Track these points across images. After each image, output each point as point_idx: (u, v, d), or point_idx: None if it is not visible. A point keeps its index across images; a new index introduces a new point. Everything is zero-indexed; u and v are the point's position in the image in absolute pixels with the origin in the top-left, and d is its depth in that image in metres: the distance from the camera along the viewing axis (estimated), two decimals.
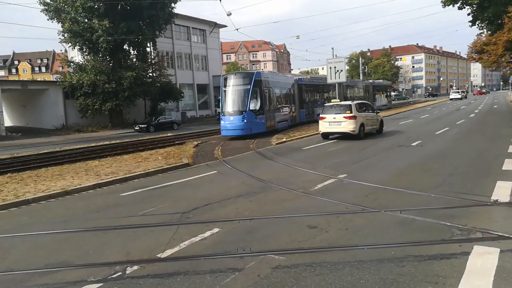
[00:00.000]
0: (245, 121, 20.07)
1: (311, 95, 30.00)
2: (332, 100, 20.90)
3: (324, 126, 17.77)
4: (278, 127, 22.97)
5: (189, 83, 50.17)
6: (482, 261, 4.44)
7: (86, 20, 33.29)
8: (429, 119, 27.62)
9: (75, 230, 6.69)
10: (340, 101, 20.33)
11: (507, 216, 6.17)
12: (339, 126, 17.22)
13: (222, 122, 20.82)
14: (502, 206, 6.56)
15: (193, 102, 50.71)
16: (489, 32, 25.57)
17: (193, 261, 4.96)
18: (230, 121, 20.31)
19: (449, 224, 5.71)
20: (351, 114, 16.90)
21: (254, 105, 20.55)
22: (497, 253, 4.60)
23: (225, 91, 20.97)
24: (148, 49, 39.15)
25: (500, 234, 5.21)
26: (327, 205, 7.22)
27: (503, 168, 9.42)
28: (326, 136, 18.11)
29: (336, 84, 32.20)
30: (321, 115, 18.08)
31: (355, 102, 18.43)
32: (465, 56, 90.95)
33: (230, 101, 20.67)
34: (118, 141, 23.36)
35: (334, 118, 17.26)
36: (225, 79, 21.26)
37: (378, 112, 20.33)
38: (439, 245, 5.03)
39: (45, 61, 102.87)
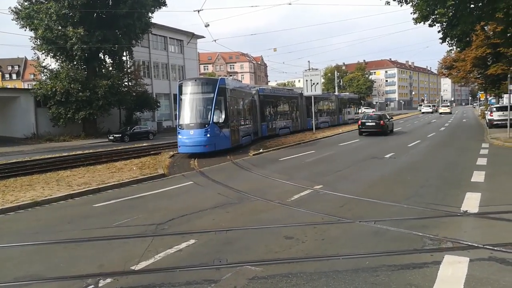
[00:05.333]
0: (208, 135, 17.38)
1: (272, 107, 28.41)
2: (442, 106, 67.61)
3: (424, 110, 68.48)
4: (242, 142, 20.75)
5: (166, 93, 49.85)
6: (453, 270, 4.58)
7: (60, 28, 32.64)
8: (401, 132, 28.34)
9: (46, 242, 6.48)
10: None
11: (476, 226, 6.38)
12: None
13: (179, 136, 17.92)
14: (471, 217, 6.79)
15: (170, 112, 50.29)
16: (458, 49, 26.64)
17: (169, 273, 4.89)
18: (189, 135, 17.51)
19: (421, 234, 5.86)
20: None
21: (218, 117, 17.92)
22: (466, 262, 4.75)
23: (183, 100, 18.23)
24: (124, 58, 38.74)
25: (469, 243, 5.38)
26: (303, 215, 7.28)
27: (472, 180, 9.78)
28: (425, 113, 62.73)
29: (300, 97, 32.54)
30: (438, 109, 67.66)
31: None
32: (436, 72, 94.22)
33: (190, 112, 18.02)
34: (91, 151, 22.82)
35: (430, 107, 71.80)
36: (183, 86, 18.41)
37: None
38: (411, 254, 5.15)
39: (16, 68, 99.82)
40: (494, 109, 27.07)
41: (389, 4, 19.97)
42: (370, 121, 26.41)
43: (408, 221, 6.63)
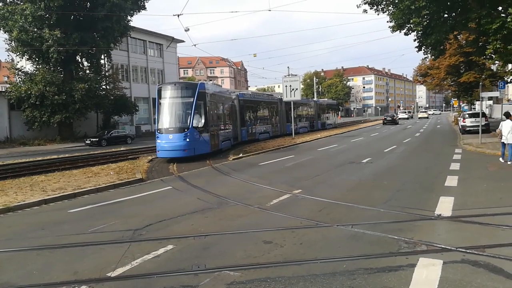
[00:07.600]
0: (188, 140, 17.25)
1: (252, 112, 28.55)
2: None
3: (400, 116, 68.33)
4: (222, 147, 20.79)
5: (145, 97, 49.31)
6: (427, 273, 4.68)
7: (36, 29, 31.87)
8: (378, 137, 28.87)
9: (18, 249, 6.29)
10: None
11: (449, 229, 6.55)
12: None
13: (158, 141, 17.75)
14: (445, 220, 6.97)
15: (148, 116, 49.75)
16: (432, 57, 27.43)
17: (146, 279, 4.83)
18: (168, 140, 17.37)
19: (396, 237, 5.98)
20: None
21: (197, 121, 17.84)
22: (440, 265, 4.87)
23: (162, 104, 18.12)
24: (102, 61, 38.14)
25: (443, 246, 5.52)
26: (282, 220, 7.31)
27: (445, 184, 10.04)
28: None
29: (279, 102, 32.81)
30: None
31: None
32: (411, 79, 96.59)
33: (169, 116, 17.88)
34: (67, 155, 22.32)
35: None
36: (163, 90, 18.26)
37: None
38: (387, 258, 5.25)
39: None
40: (467, 115, 27.93)
41: (367, 13, 20.48)
42: (388, 117, 53.04)
43: (384, 224, 6.75)
